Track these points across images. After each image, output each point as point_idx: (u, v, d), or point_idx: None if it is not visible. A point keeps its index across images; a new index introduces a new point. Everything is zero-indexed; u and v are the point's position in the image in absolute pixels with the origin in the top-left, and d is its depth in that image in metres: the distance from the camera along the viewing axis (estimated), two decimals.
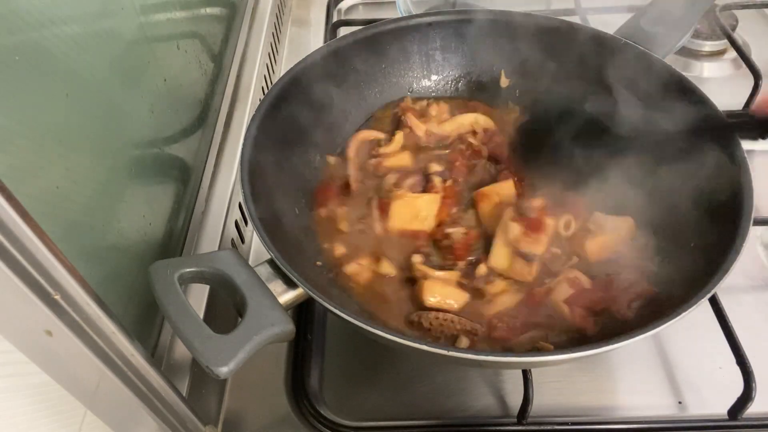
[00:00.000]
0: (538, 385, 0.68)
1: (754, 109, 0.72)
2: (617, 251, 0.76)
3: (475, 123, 0.93)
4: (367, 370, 0.77)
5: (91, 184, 0.56)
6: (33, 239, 0.38)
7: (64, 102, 0.52)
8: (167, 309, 0.55)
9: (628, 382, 0.75)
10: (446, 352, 0.55)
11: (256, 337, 0.55)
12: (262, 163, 0.73)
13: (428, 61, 0.97)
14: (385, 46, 0.93)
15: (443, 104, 0.96)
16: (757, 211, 0.67)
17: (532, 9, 0.94)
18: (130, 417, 0.54)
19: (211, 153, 0.90)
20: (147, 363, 0.51)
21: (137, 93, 0.69)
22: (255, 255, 0.91)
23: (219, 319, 0.74)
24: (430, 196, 0.82)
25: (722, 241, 0.63)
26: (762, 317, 0.81)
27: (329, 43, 0.89)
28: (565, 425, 0.69)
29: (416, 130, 0.91)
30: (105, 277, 0.58)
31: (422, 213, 0.80)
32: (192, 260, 0.61)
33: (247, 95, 1.01)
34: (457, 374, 0.76)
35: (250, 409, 0.74)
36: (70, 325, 0.43)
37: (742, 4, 1.21)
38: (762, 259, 0.88)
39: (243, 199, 0.67)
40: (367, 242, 0.80)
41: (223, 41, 1.03)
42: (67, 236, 0.51)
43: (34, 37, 0.48)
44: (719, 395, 0.70)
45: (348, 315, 0.57)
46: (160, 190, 0.74)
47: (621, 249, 0.77)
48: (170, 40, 0.80)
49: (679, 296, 0.61)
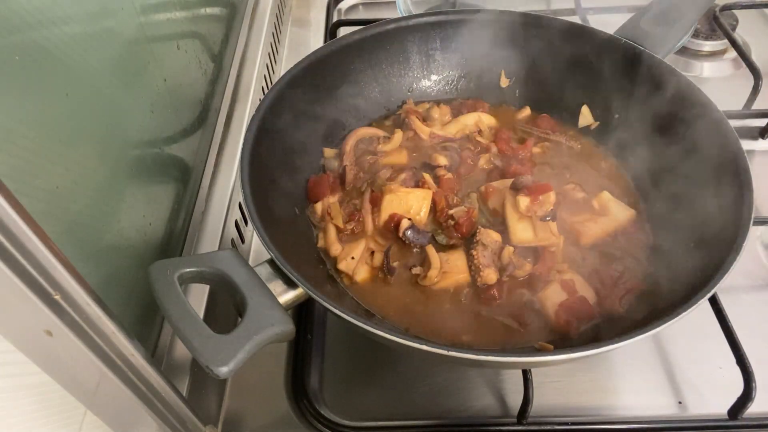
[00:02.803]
0: (538, 385, 0.68)
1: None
2: (614, 240, 0.78)
3: (479, 122, 0.94)
4: (367, 370, 0.77)
5: (91, 184, 0.56)
6: (33, 239, 0.38)
7: (64, 102, 0.52)
8: (167, 309, 0.55)
9: (628, 382, 0.75)
10: (446, 352, 0.55)
11: (256, 337, 0.55)
12: (262, 163, 0.73)
13: (428, 61, 0.97)
14: (385, 46, 0.93)
15: (444, 107, 0.97)
16: (757, 211, 0.67)
17: (532, 9, 0.94)
18: (130, 417, 0.54)
19: (211, 153, 0.90)
20: (147, 363, 0.51)
21: (137, 93, 0.69)
22: (255, 255, 0.91)
23: (219, 319, 0.74)
24: (422, 192, 0.83)
25: (722, 241, 0.63)
26: (762, 317, 0.81)
27: (329, 43, 0.89)
28: (565, 425, 0.69)
29: (420, 133, 0.92)
30: (105, 277, 0.58)
31: (413, 208, 0.81)
32: (192, 260, 0.61)
33: (247, 95, 1.01)
34: (457, 374, 0.76)
35: (250, 409, 0.74)
36: (70, 325, 0.43)
37: (742, 4, 1.21)
38: (762, 259, 0.88)
39: (243, 199, 0.67)
40: (361, 236, 0.81)
41: (223, 41, 1.03)
42: (67, 236, 0.51)
43: (34, 37, 0.48)
44: (719, 395, 0.71)
45: (348, 315, 0.57)
46: (160, 190, 0.74)
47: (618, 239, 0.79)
48: (170, 40, 0.80)
49: (679, 296, 0.61)
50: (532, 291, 0.74)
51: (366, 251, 0.78)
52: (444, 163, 0.87)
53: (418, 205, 0.81)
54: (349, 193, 0.86)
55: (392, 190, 0.82)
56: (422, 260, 0.77)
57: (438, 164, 0.87)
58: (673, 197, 0.78)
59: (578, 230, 0.79)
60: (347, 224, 0.81)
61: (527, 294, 0.74)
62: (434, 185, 0.84)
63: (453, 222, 0.79)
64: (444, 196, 0.82)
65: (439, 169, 0.87)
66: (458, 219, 0.79)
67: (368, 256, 0.78)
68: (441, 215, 0.81)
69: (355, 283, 0.77)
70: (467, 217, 0.79)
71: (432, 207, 0.82)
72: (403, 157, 0.90)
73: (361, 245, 0.79)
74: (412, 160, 0.90)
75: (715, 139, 0.73)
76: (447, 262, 0.76)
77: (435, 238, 0.80)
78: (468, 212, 0.80)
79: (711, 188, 0.71)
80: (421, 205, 0.81)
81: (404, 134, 0.92)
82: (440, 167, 0.87)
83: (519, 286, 0.75)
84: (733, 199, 0.67)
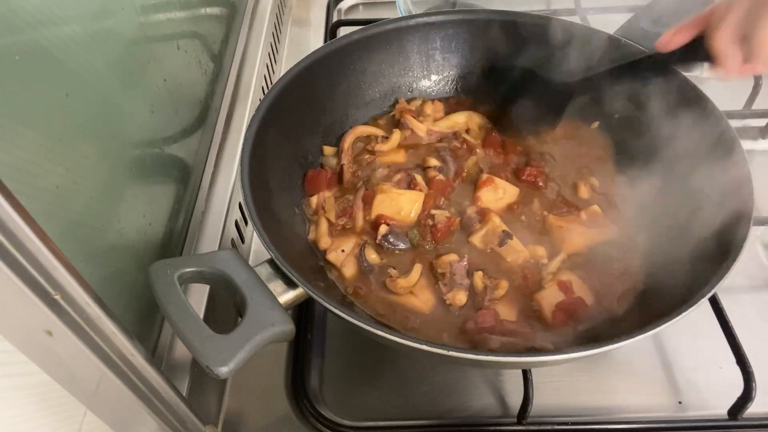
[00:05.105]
0: (538, 385, 0.68)
1: (658, 46, 0.73)
2: (609, 244, 0.78)
3: (469, 120, 0.95)
4: (367, 370, 0.77)
5: (91, 184, 0.56)
6: (33, 239, 0.38)
7: (64, 102, 0.52)
8: (167, 309, 0.55)
9: (628, 382, 0.75)
10: (446, 352, 0.55)
11: (256, 337, 0.55)
12: (262, 163, 0.74)
13: (428, 61, 0.97)
14: (385, 46, 0.93)
15: (438, 103, 0.97)
16: (757, 211, 0.67)
17: (532, 9, 0.94)
18: (130, 417, 0.54)
19: (211, 153, 0.90)
20: (147, 363, 0.51)
21: (137, 93, 0.69)
22: (255, 255, 0.91)
23: (219, 319, 0.74)
24: (414, 194, 0.83)
25: (722, 241, 0.63)
26: (762, 317, 0.81)
27: (329, 43, 0.89)
28: (565, 425, 0.69)
29: (418, 131, 0.92)
30: (105, 277, 0.58)
31: (403, 210, 0.81)
32: (192, 260, 0.61)
33: (247, 95, 1.01)
34: (457, 374, 0.76)
35: (250, 409, 0.74)
36: (70, 325, 0.43)
37: None
38: (762, 259, 0.88)
39: (243, 199, 0.67)
40: (351, 232, 0.81)
41: (223, 41, 1.03)
42: (67, 236, 0.51)
43: (34, 37, 0.48)
44: (719, 395, 0.71)
45: (348, 315, 0.58)
46: (160, 190, 0.74)
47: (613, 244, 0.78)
48: (170, 40, 0.80)
49: (679, 296, 0.61)
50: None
51: (356, 247, 0.79)
52: (435, 164, 0.87)
53: (408, 208, 0.81)
54: (345, 189, 0.86)
55: (384, 191, 0.82)
56: (407, 268, 0.76)
57: (429, 165, 0.87)
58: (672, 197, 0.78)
59: (563, 238, 0.78)
60: (338, 219, 0.81)
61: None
62: (425, 187, 0.84)
63: (431, 223, 0.79)
64: (433, 198, 0.83)
65: (431, 170, 0.86)
66: (437, 222, 0.79)
67: (358, 252, 0.78)
68: (422, 213, 0.81)
69: (343, 277, 0.77)
70: (446, 224, 0.79)
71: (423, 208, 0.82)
72: (401, 156, 0.91)
73: (352, 241, 0.79)
74: (409, 159, 0.90)
75: (715, 139, 0.73)
76: (421, 288, 0.75)
77: (407, 235, 0.79)
78: (449, 220, 0.79)
79: (710, 188, 0.71)
80: (412, 207, 0.81)
81: (402, 133, 0.92)
82: (431, 168, 0.87)
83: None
84: (732, 199, 0.67)
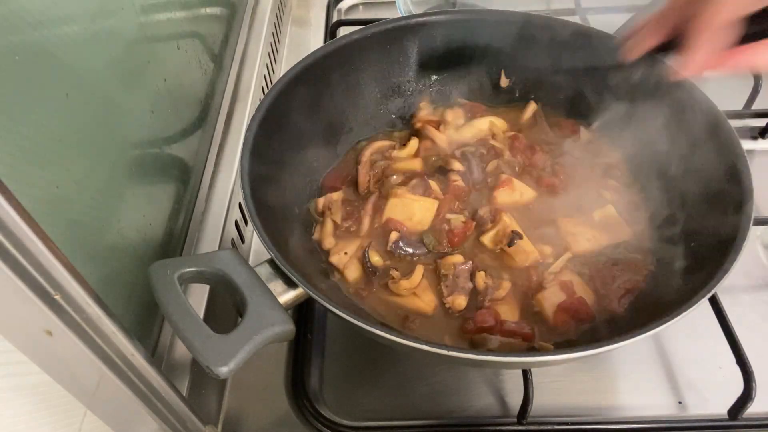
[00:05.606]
0: (538, 385, 0.68)
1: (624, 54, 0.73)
2: (614, 247, 0.78)
3: (492, 126, 0.93)
4: (367, 370, 0.77)
5: (91, 184, 0.56)
6: (33, 239, 0.38)
7: (64, 102, 0.52)
8: (167, 309, 0.55)
9: (628, 382, 0.75)
10: (446, 352, 0.55)
11: (256, 337, 0.55)
12: (262, 163, 0.73)
13: (428, 61, 0.97)
14: (385, 46, 0.93)
15: (458, 109, 0.95)
16: (757, 211, 0.67)
17: (532, 9, 0.93)
18: (130, 417, 0.54)
19: (211, 153, 0.90)
20: (147, 363, 0.51)
21: (137, 93, 0.69)
22: (255, 255, 0.91)
23: (219, 319, 0.74)
24: (428, 202, 0.81)
25: (722, 241, 0.63)
26: (762, 317, 0.81)
27: (329, 43, 0.89)
28: (565, 425, 0.69)
29: (438, 142, 0.91)
30: (105, 277, 0.58)
31: (415, 216, 0.80)
32: (192, 260, 0.61)
33: (247, 95, 1.01)
34: (457, 374, 0.76)
35: (250, 409, 0.74)
36: (70, 325, 0.43)
37: None
38: (762, 259, 0.88)
39: (243, 199, 0.67)
40: (356, 235, 0.80)
41: (223, 41, 1.03)
42: (67, 236, 0.51)
43: (34, 37, 0.48)
44: (719, 395, 0.70)
45: (348, 315, 0.57)
46: (160, 190, 0.74)
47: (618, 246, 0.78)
48: (170, 40, 0.80)
49: (679, 296, 0.61)
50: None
51: (359, 250, 0.78)
52: (458, 169, 0.85)
53: (420, 215, 0.80)
54: (358, 194, 0.85)
55: (398, 195, 0.81)
56: (410, 271, 0.75)
57: (452, 168, 0.84)
58: (671, 197, 0.78)
59: (572, 243, 0.78)
60: (344, 221, 0.81)
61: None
62: (441, 194, 0.82)
63: (447, 228, 0.78)
64: (448, 203, 0.81)
65: (452, 173, 0.84)
66: (453, 227, 0.78)
67: (361, 256, 0.78)
68: (438, 217, 0.80)
69: (345, 280, 0.76)
70: (463, 229, 0.78)
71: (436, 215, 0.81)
72: (417, 164, 0.89)
73: (356, 244, 0.78)
74: (427, 166, 0.88)
75: (715, 138, 0.73)
76: (423, 289, 0.74)
77: (423, 241, 0.78)
78: (465, 225, 0.78)
79: (710, 188, 0.71)
80: (423, 215, 0.80)
81: (421, 143, 0.90)
82: (453, 172, 0.84)
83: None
84: (732, 199, 0.67)
